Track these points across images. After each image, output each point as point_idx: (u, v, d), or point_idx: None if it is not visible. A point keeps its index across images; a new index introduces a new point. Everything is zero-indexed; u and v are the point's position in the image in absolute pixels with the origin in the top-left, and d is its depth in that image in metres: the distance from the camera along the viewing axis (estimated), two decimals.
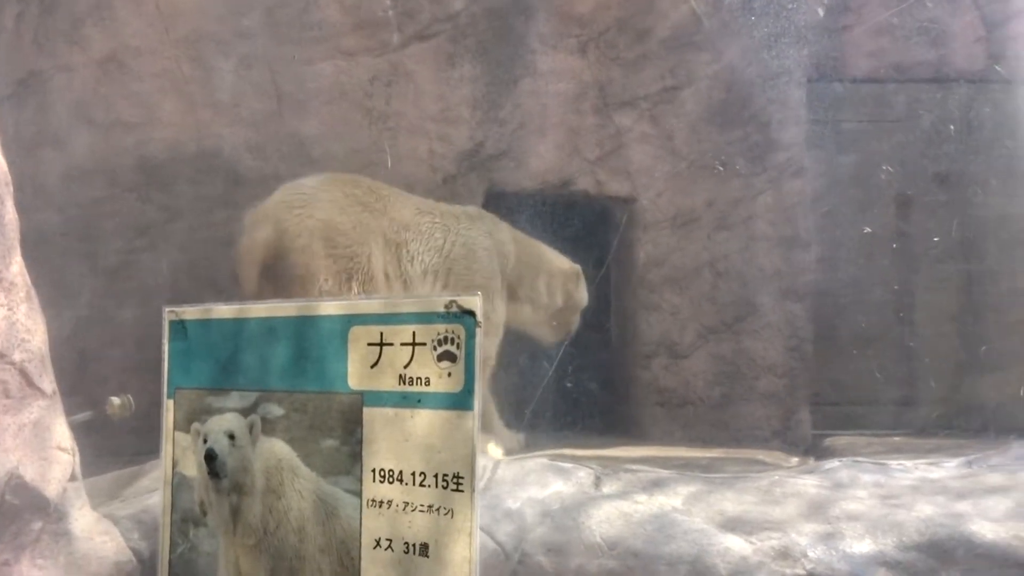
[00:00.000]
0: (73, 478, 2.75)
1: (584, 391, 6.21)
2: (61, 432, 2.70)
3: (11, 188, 2.62)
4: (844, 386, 7.08)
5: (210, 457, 1.82)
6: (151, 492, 3.21)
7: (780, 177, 6.58)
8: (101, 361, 5.37)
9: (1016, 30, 7.04)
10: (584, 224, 6.23)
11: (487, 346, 5.29)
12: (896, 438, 6.21)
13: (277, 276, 4.89)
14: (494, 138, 6.25)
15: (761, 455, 5.36)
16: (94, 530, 2.83)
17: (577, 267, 5.83)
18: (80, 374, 4.46)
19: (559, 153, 6.37)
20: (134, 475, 3.48)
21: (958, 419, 6.51)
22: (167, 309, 1.92)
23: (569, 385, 5.84)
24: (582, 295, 5.87)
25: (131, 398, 3.95)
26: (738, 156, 6.52)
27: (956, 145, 7.13)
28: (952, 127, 7.15)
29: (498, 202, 6.05)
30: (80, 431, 2.93)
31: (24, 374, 2.47)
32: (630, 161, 6.48)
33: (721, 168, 6.50)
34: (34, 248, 2.87)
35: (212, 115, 5.84)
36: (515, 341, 5.69)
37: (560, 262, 5.82)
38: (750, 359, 6.54)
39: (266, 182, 5.80)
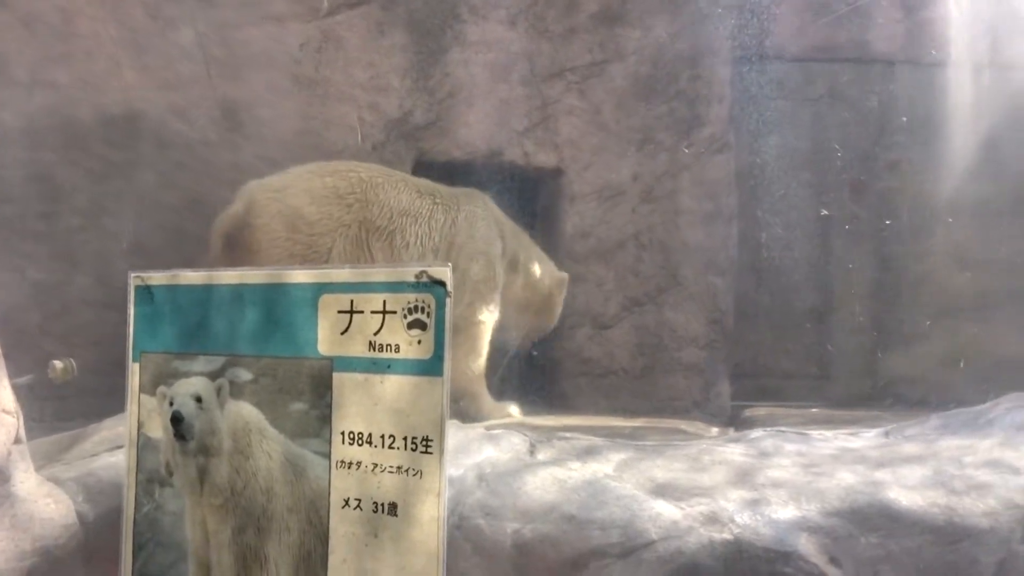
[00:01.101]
0: (17, 441, 2.74)
1: (514, 361, 6.27)
2: (5, 395, 2.69)
3: None
4: (764, 359, 7.24)
5: (176, 419, 1.85)
6: (95, 455, 3.21)
7: (705, 152, 6.68)
8: (38, 327, 5.30)
9: (934, 13, 7.21)
10: (511, 195, 6.26)
11: (486, 308, 5.49)
12: (814, 410, 6.35)
13: (236, 248, 5.03)
14: (423, 107, 6.26)
15: (682, 425, 5.47)
16: (38, 492, 2.84)
17: (566, 275, 6.02)
18: (23, 337, 4.42)
19: (488, 123, 6.40)
20: (75, 438, 3.46)
21: (875, 392, 6.69)
22: (133, 274, 1.93)
23: (503, 351, 5.89)
24: (560, 301, 6.03)
25: (73, 362, 3.93)
26: (664, 131, 6.61)
27: (878, 125, 7.30)
28: (874, 107, 7.33)
29: (427, 171, 6.06)
30: (24, 394, 2.92)
31: None
32: (557, 133, 6.54)
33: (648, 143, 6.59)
34: None
35: (139, 78, 5.75)
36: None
37: (548, 264, 5.99)
38: (672, 331, 6.64)
39: (193, 147, 5.76)
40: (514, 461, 3.61)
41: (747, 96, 7.13)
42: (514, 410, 5.53)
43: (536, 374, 6.63)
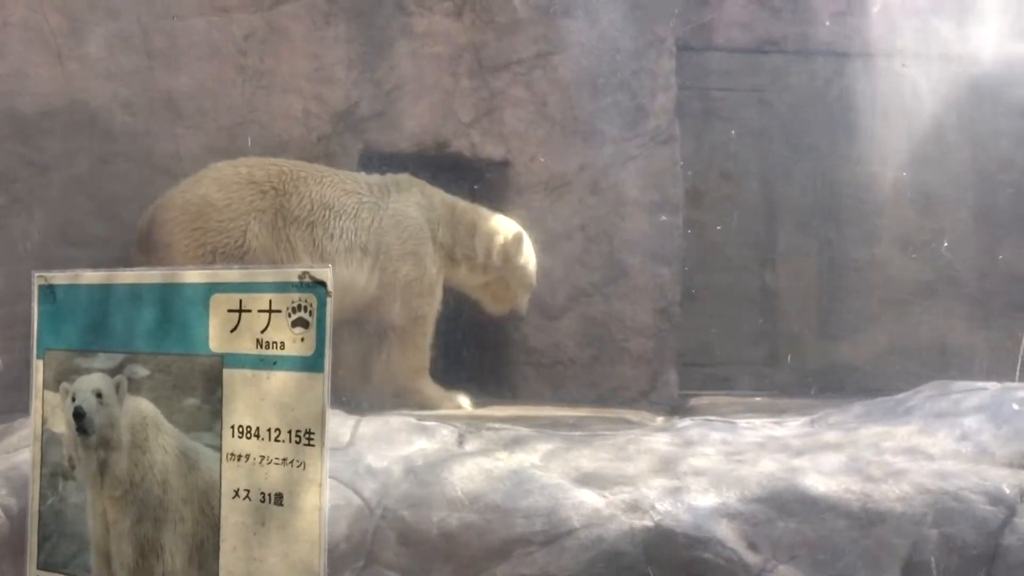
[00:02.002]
0: None
1: (458, 351, 6.32)
2: None
3: None
4: (710, 348, 7.32)
5: (78, 415, 1.90)
6: (19, 449, 3.24)
7: (650, 144, 6.74)
8: None
9: (878, 3, 7.31)
10: (459, 187, 6.30)
11: (423, 305, 5.49)
12: (758, 398, 6.44)
13: (149, 247, 5.07)
14: (369, 99, 6.27)
15: (628, 414, 5.53)
16: None
17: (519, 230, 5.87)
18: None
19: (434, 115, 6.42)
20: (1, 433, 3.49)
21: (817, 381, 6.79)
22: (36, 274, 1.98)
23: (447, 340, 5.93)
24: (524, 261, 5.88)
25: None
26: (609, 122, 6.67)
27: (820, 115, 7.40)
28: (818, 97, 7.42)
29: (373, 163, 6.09)
30: None
31: None
32: (504, 124, 6.57)
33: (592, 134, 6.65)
34: None
35: (80, 69, 5.72)
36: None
37: (501, 224, 5.88)
38: (620, 321, 6.70)
39: (137, 138, 5.75)
40: (442, 452, 3.67)
41: (692, 86, 7.20)
42: (464, 401, 5.55)
43: (483, 364, 6.69)
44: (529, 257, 5.91)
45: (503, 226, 5.87)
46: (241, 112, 6.00)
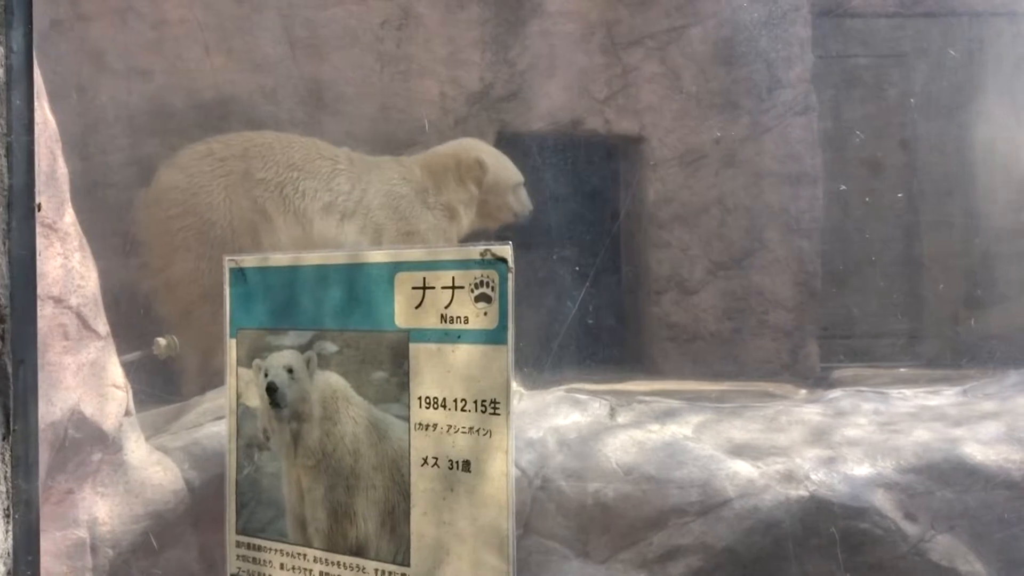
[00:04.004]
0: (127, 413, 2.95)
1: (600, 327, 6.35)
2: (115, 371, 2.89)
3: (60, 144, 2.78)
4: (852, 319, 7.21)
5: (271, 389, 2.01)
6: (197, 426, 3.42)
7: (787, 114, 6.67)
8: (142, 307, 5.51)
9: None
10: (594, 164, 6.33)
11: None
12: (903, 370, 6.32)
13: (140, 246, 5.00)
14: (503, 80, 6.34)
15: (770, 387, 5.51)
16: (148, 461, 3.05)
17: (477, 156, 5.54)
18: (129, 317, 4.61)
19: (568, 93, 6.45)
20: (178, 411, 3.67)
21: (964, 351, 6.63)
22: (227, 258, 2.10)
23: (590, 322, 5.97)
24: (498, 178, 5.61)
25: (176, 339, 4.13)
26: (745, 95, 6.61)
27: (962, 79, 7.19)
28: (959, 61, 7.22)
29: (509, 143, 6.15)
30: (131, 370, 3.13)
31: (80, 317, 2.66)
32: (638, 100, 6.56)
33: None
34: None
35: (226, 61, 5.92)
36: (543, 281, 5.82)
37: (462, 155, 5.59)
38: (759, 294, 6.65)
39: (281, 127, 5.92)
40: (595, 424, 3.73)
41: (829, 55, 7.08)
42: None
43: (622, 340, 6.72)
44: (501, 172, 5.65)
45: (464, 157, 5.58)
46: (380, 98, 6.12)
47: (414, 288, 1.79)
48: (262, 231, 4.88)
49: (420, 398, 1.79)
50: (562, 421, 3.71)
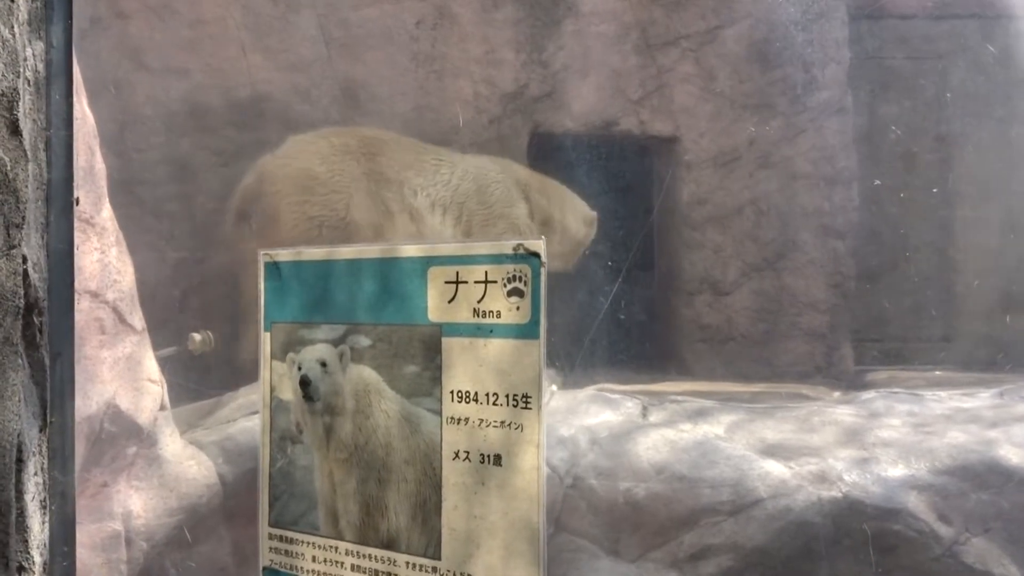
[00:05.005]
0: (162, 407, 2.99)
1: (632, 327, 6.34)
2: (151, 365, 2.92)
3: (98, 139, 2.81)
4: (887, 321, 7.16)
5: (304, 383, 2.02)
6: (231, 421, 3.45)
7: (821, 116, 6.63)
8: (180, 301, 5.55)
9: None
10: (627, 164, 6.32)
11: None
12: (938, 372, 6.28)
13: (252, 219, 5.11)
14: (538, 80, 6.34)
15: (804, 389, 5.48)
16: (183, 455, 3.08)
17: (594, 213, 5.84)
18: (164, 313, 4.66)
19: (602, 94, 6.45)
20: (212, 406, 3.70)
21: (1000, 353, 6.58)
22: (262, 252, 2.11)
23: (621, 317, 5.96)
24: (591, 237, 5.87)
25: (211, 334, 4.16)
26: (779, 95, 6.58)
27: (998, 80, 7.13)
28: (994, 63, 7.15)
29: (542, 144, 6.15)
30: (166, 365, 3.16)
31: (117, 312, 2.69)
32: (672, 101, 6.55)
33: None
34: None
35: (262, 60, 5.96)
36: (574, 278, 5.81)
37: (581, 205, 5.84)
38: (792, 296, 6.62)
39: (316, 126, 5.95)
40: (626, 423, 3.73)
41: (865, 56, 7.03)
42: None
43: (655, 340, 6.70)
44: (593, 234, 5.89)
45: (584, 209, 5.85)
46: (414, 97, 6.13)
47: (447, 282, 1.80)
48: (386, 228, 5.00)
49: (452, 392, 1.79)
50: (593, 420, 3.72)
